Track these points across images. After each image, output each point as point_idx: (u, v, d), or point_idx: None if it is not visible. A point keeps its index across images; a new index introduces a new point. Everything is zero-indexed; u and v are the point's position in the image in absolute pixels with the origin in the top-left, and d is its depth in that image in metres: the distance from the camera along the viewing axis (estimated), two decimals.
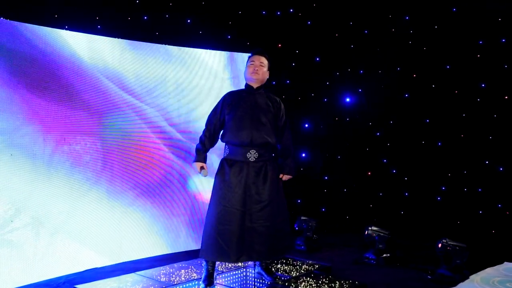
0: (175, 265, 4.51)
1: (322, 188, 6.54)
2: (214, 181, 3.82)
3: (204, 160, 3.88)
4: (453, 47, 5.96)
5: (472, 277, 4.24)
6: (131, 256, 4.89)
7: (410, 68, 6.20)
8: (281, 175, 4.01)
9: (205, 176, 3.91)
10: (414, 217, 6.16)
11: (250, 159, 3.77)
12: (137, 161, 4.94)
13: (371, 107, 6.38)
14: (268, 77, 4.00)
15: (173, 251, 5.07)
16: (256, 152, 3.78)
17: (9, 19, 4.26)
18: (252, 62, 3.89)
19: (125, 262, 4.78)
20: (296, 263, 4.57)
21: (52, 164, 4.27)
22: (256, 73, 3.85)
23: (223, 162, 3.83)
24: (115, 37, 5.00)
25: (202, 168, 3.89)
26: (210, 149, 4.01)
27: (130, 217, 4.89)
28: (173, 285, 3.94)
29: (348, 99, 6.46)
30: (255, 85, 3.91)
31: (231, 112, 3.81)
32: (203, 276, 3.84)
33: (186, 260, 4.73)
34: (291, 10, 6.42)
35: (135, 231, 4.94)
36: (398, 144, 6.30)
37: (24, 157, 4.08)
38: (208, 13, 6.05)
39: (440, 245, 4.33)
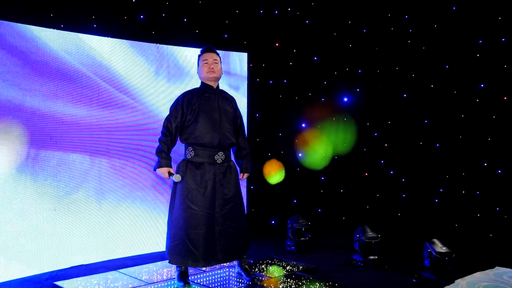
0: (159, 263, 4.51)
1: (319, 188, 6.48)
2: (179, 183, 3.76)
3: (170, 164, 3.72)
4: (453, 46, 5.84)
5: (458, 281, 4.14)
6: (117, 254, 4.93)
7: (408, 67, 6.10)
8: (241, 175, 4.04)
9: (178, 180, 3.68)
10: (411, 219, 6.06)
11: (217, 161, 3.75)
12: (126, 160, 4.97)
13: (369, 107, 6.30)
14: (222, 73, 3.94)
15: (161, 250, 5.09)
16: (223, 154, 3.78)
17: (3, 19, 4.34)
18: (205, 61, 3.82)
19: (111, 260, 4.81)
20: (281, 264, 4.53)
21: (37, 162, 4.33)
22: (213, 71, 3.81)
23: (187, 164, 3.74)
24: (110, 36, 5.04)
25: (170, 173, 3.70)
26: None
27: (118, 215, 4.92)
28: (152, 283, 3.94)
29: (346, 99, 6.38)
30: (214, 84, 3.87)
31: (195, 114, 3.73)
32: (177, 276, 3.83)
33: None
34: (289, 9, 6.37)
35: (122, 229, 4.97)
36: (396, 145, 6.20)
37: (8, 154, 4.14)
38: (204, 12, 6.04)
39: (424, 248, 4.24)
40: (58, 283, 3.91)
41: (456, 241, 5.40)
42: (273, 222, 6.39)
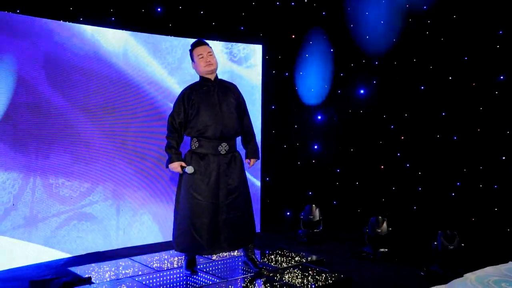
0: (171, 251, 4.61)
1: (334, 180, 6.48)
2: (184, 174, 3.84)
3: (181, 158, 3.81)
4: (472, 37, 5.73)
5: (467, 275, 4.08)
6: (133, 242, 5.06)
7: (426, 59, 6.02)
8: (247, 160, 4.09)
9: (191, 172, 3.76)
10: (427, 213, 6.00)
11: (221, 151, 3.81)
12: (139, 150, 5.08)
13: (386, 99, 6.25)
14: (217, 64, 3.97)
15: None
16: (227, 145, 3.83)
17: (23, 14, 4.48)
18: (200, 55, 3.85)
19: (125, 247, 4.94)
20: (290, 255, 4.58)
21: (50, 159, 4.49)
22: (210, 64, 3.85)
23: (192, 155, 3.83)
24: (128, 29, 5.14)
25: (182, 166, 3.78)
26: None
27: (133, 204, 5.04)
28: (161, 270, 4.05)
29: (362, 91, 6.35)
30: (212, 76, 3.91)
31: (195, 108, 3.79)
32: (184, 264, 3.94)
33: None
34: (305, 0, 6.35)
35: (138, 218, 5.09)
36: (413, 137, 6.14)
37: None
38: (221, 4, 6.07)
39: (433, 242, 4.23)
40: (72, 268, 4.07)
41: (472, 235, 5.36)
42: (288, 213, 6.43)
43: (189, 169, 3.77)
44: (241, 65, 5.77)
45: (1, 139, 4.17)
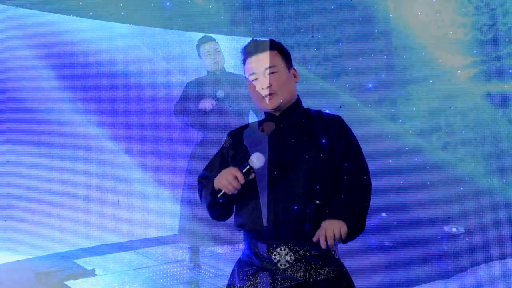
0: (176, 245, 4.65)
1: (343, 175, 6.45)
2: (189, 166, 3.91)
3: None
4: (481, 32, 5.66)
5: (472, 269, 4.09)
6: (140, 235, 5.10)
7: (435, 53, 5.96)
8: None
9: (222, 95, 3.78)
10: (435, 207, 5.96)
11: (225, 145, 3.83)
12: (148, 143, 5.12)
13: (394, 93, 6.21)
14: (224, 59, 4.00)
15: None
16: (230, 138, 3.84)
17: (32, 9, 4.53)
18: (207, 52, 3.90)
19: (132, 240, 4.99)
20: (295, 248, 4.57)
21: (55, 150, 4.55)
22: (217, 62, 3.94)
23: (196, 148, 3.90)
24: (137, 24, 5.18)
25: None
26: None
27: (140, 197, 5.09)
28: (165, 263, 4.10)
29: (370, 85, 6.32)
30: (218, 71, 3.94)
31: (199, 100, 3.83)
32: (188, 257, 3.99)
33: None
34: None
35: (144, 210, 5.13)
36: (421, 131, 6.10)
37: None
38: None
39: (439, 236, 4.21)
40: (77, 260, 4.13)
41: (479, 229, 5.32)
42: (295, 207, 6.41)
43: (220, 93, 3.79)
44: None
45: None
